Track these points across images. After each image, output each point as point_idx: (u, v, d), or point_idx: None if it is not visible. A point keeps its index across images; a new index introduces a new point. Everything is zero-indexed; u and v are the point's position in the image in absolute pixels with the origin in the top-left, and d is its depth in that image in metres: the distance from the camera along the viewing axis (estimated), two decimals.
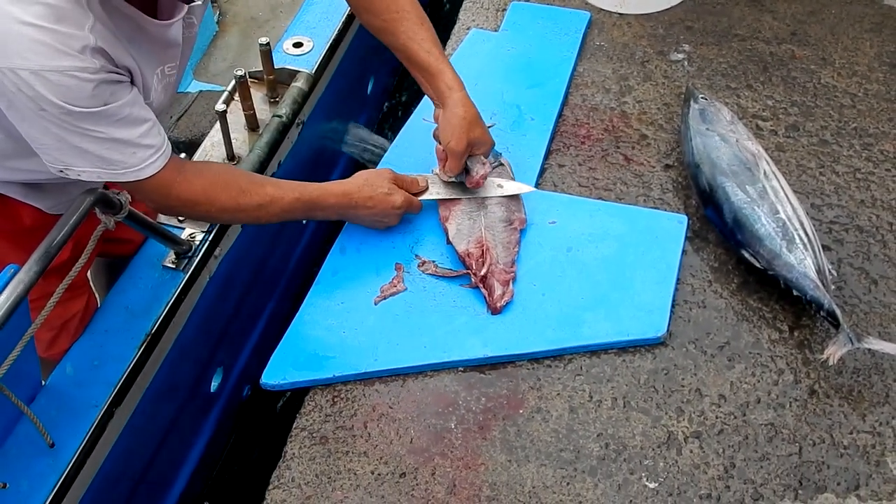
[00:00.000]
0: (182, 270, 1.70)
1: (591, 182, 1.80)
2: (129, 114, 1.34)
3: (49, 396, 1.52)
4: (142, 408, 1.60)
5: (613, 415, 1.44)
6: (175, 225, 1.76)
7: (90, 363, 1.57)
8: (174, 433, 1.80)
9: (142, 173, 1.38)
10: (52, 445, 1.43)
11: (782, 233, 1.53)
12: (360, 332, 1.56)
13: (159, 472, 1.79)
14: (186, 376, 1.80)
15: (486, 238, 1.63)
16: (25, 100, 1.24)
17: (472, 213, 1.67)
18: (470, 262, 1.61)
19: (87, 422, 1.48)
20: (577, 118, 1.95)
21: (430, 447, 1.42)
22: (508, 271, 1.60)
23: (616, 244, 1.65)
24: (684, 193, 1.76)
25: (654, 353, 1.52)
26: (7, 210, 1.59)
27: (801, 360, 1.49)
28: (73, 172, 1.35)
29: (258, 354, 2.10)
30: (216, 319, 1.86)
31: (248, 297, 2.03)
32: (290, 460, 1.42)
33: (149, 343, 1.60)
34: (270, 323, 2.16)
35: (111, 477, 1.55)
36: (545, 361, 1.52)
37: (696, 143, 1.73)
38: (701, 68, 2.04)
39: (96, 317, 1.64)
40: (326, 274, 1.66)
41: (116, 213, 1.45)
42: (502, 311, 1.56)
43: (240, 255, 1.88)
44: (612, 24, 2.19)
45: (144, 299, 1.65)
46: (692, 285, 1.61)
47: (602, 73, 2.05)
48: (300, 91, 2.04)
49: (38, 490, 1.39)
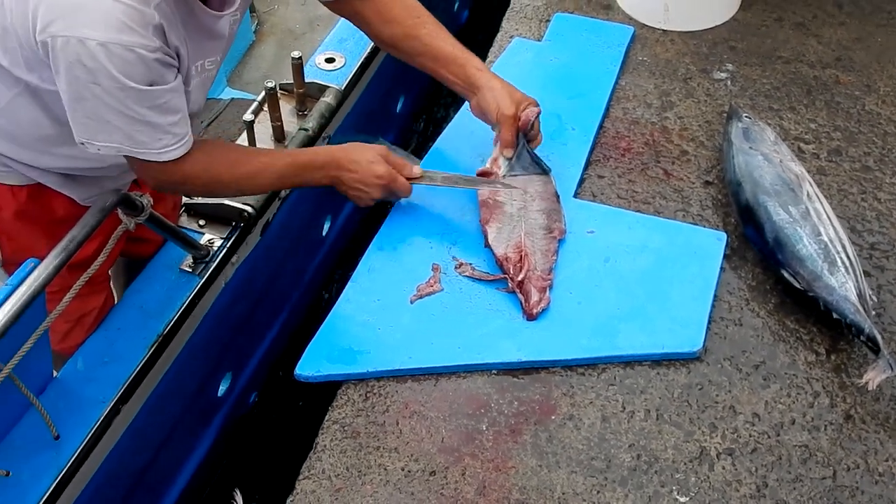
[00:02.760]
0: (198, 275, 1.72)
1: (630, 195, 1.80)
2: (168, 100, 1.37)
3: (58, 389, 1.53)
4: (148, 407, 1.61)
5: (646, 427, 1.44)
6: (194, 230, 1.78)
7: (101, 359, 1.59)
8: (178, 434, 1.80)
9: (160, 157, 1.41)
10: (56, 438, 1.45)
11: (824, 255, 1.53)
12: (395, 329, 1.56)
13: (160, 472, 1.79)
14: (194, 379, 1.81)
15: (526, 244, 1.63)
16: (82, 70, 1.27)
17: (513, 217, 1.67)
18: (508, 267, 1.61)
19: (92, 417, 1.50)
20: (618, 131, 1.95)
21: (461, 447, 1.42)
22: (546, 278, 1.60)
23: (654, 257, 1.65)
24: (723, 211, 1.76)
25: (689, 367, 1.51)
26: (42, 199, 1.61)
27: (838, 383, 1.48)
28: (93, 147, 1.38)
29: (267, 362, 2.11)
30: (228, 325, 1.87)
31: (261, 305, 2.04)
32: (322, 452, 1.42)
33: (160, 344, 1.61)
34: (281, 332, 2.17)
35: (112, 473, 1.55)
36: (579, 369, 1.51)
37: (739, 161, 1.73)
38: (744, 88, 2.04)
39: (111, 314, 1.67)
40: (363, 270, 1.66)
41: (138, 215, 1.48)
42: (538, 317, 1.56)
43: (257, 263, 1.89)
44: (655, 40, 2.19)
45: (159, 300, 1.67)
46: (729, 303, 1.60)
47: (644, 88, 2.06)
48: (328, 106, 2.06)
49: (39, 481, 1.41)
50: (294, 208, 2.02)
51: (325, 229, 2.32)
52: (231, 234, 1.79)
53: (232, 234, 1.79)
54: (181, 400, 1.77)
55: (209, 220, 1.82)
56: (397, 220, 1.74)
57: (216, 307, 1.77)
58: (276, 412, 2.16)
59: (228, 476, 2.06)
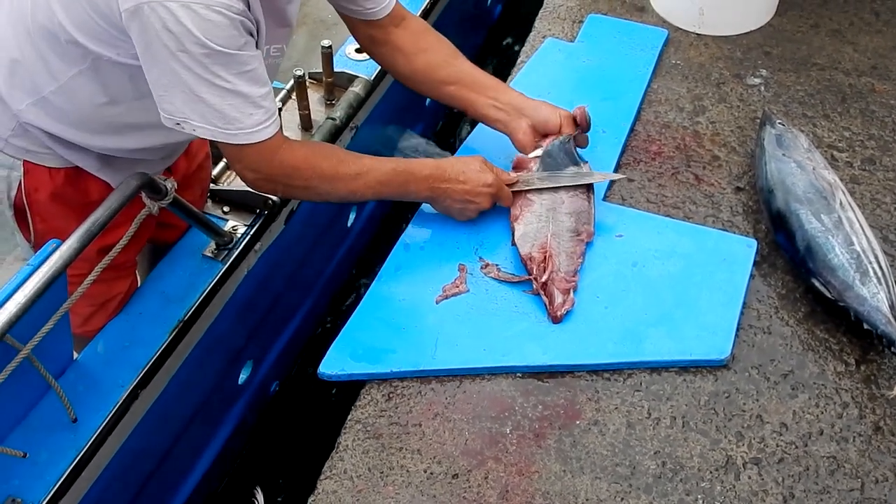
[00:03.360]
0: (221, 261, 1.71)
1: (660, 199, 1.79)
2: (255, 68, 1.38)
3: (78, 372, 1.54)
4: (168, 393, 1.61)
5: (671, 434, 1.42)
6: (218, 216, 1.78)
7: (121, 344, 1.59)
8: (198, 421, 1.81)
9: (254, 136, 1.41)
10: (74, 420, 1.45)
11: (856, 265, 1.51)
12: (419, 329, 1.56)
13: (179, 459, 1.79)
14: (215, 366, 1.81)
15: (551, 245, 1.62)
16: (168, 38, 1.28)
17: (542, 217, 1.66)
18: (531, 267, 1.60)
19: (111, 401, 1.50)
20: (649, 134, 1.93)
21: (484, 450, 1.41)
22: (570, 280, 1.59)
23: (683, 263, 1.64)
24: (754, 217, 1.74)
25: (716, 375, 1.49)
26: (79, 183, 1.62)
27: (867, 395, 1.46)
28: (189, 126, 1.38)
29: (289, 351, 2.11)
30: (250, 313, 1.87)
31: (285, 294, 2.04)
32: (344, 451, 1.42)
33: (180, 329, 1.61)
34: (304, 322, 2.16)
35: (130, 458, 1.56)
36: (604, 374, 1.50)
37: (771, 167, 1.71)
38: (777, 94, 2.02)
39: (133, 299, 1.67)
40: (389, 269, 1.66)
41: (161, 199, 1.48)
42: (563, 319, 1.55)
43: (281, 252, 1.89)
44: (689, 44, 2.18)
45: (181, 286, 1.67)
46: (758, 310, 1.58)
47: (676, 92, 2.04)
48: (356, 96, 2.05)
49: (57, 462, 1.41)
50: None
51: (350, 220, 2.32)
52: (255, 221, 1.78)
53: (256, 222, 1.78)
54: (202, 386, 1.77)
55: (234, 206, 1.82)
56: (424, 218, 1.74)
57: (238, 294, 1.77)
58: (298, 404, 2.16)
59: (248, 467, 2.07)
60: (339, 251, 2.31)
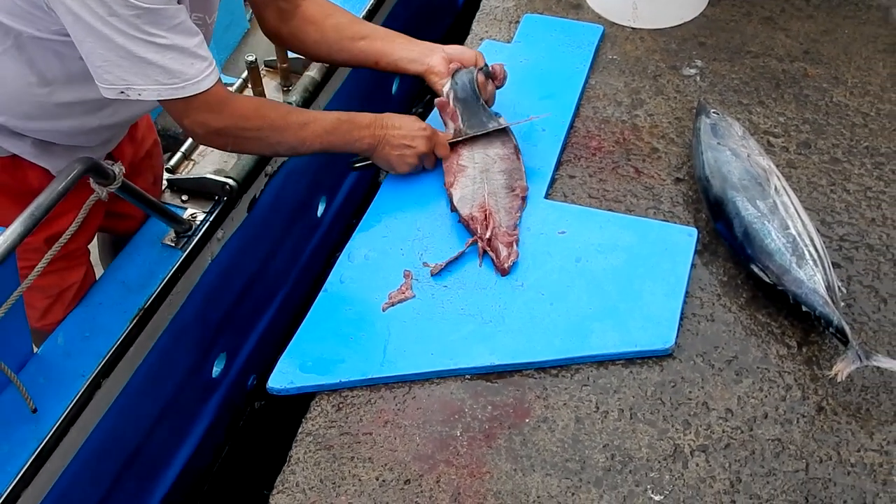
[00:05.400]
0: (181, 249, 1.71)
1: (602, 194, 1.80)
2: (184, 20, 1.41)
3: (38, 365, 1.53)
4: (134, 384, 1.60)
5: (620, 426, 1.44)
6: (177, 205, 1.78)
7: (81, 334, 1.58)
8: (171, 415, 1.79)
9: (200, 86, 1.43)
10: (34, 411, 1.44)
11: (792, 248, 1.53)
12: (367, 338, 1.56)
13: (153, 455, 1.78)
14: (184, 358, 1.80)
15: (489, 203, 1.69)
16: (96, 5, 1.30)
17: (476, 179, 1.73)
18: (474, 227, 1.66)
19: (72, 391, 1.49)
20: (589, 130, 1.95)
21: (436, 454, 1.41)
22: (511, 234, 1.66)
23: (625, 255, 1.65)
24: (694, 207, 1.76)
25: (662, 365, 1.51)
26: (17, 172, 1.62)
27: (809, 376, 1.48)
28: (133, 92, 1.40)
29: (265, 344, 2.10)
30: (218, 303, 1.87)
31: (256, 285, 2.03)
32: (295, 465, 1.42)
33: (141, 318, 1.61)
34: (280, 313, 2.16)
35: (98, 451, 1.54)
36: (552, 371, 1.51)
37: (708, 157, 1.73)
38: (713, 84, 2.05)
39: (92, 290, 1.66)
40: (334, 281, 1.66)
41: (109, 184, 1.46)
42: (510, 271, 1.61)
43: (246, 241, 1.89)
44: (624, 38, 2.20)
45: (141, 275, 1.67)
46: (701, 299, 1.60)
47: (614, 87, 2.06)
48: (312, 80, 2.05)
49: (17, 454, 1.41)
50: (284, 185, 2.01)
51: (319, 210, 2.32)
52: (214, 208, 1.79)
53: (215, 209, 1.79)
54: (172, 378, 1.77)
55: (192, 195, 1.82)
56: (367, 229, 1.74)
57: (203, 283, 1.77)
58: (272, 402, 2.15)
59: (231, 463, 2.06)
60: (310, 242, 2.31)
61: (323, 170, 2.23)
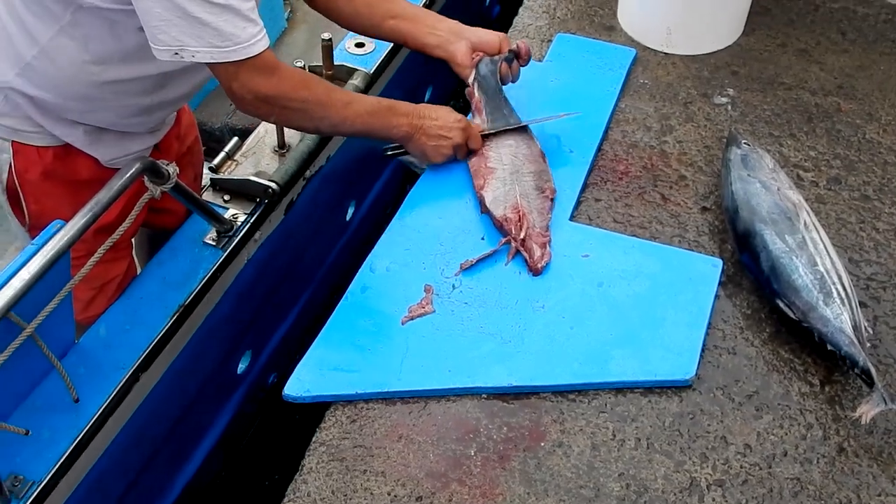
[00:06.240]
0: (221, 248, 1.73)
1: (627, 219, 1.79)
2: None
3: (80, 354, 1.55)
4: (168, 377, 1.62)
5: (636, 455, 1.42)
6: (219, 205, 1.80)
7: (122, 327, 1.60)
8: (197, 407, 1.81)
9: (251, 49, 1.46)
10: (76, 401, 1.46)
11: (820, 285, 1.51)
12: (385, 350, 1.55)
13: (178, 445, 1.80)
14: (215, 353, 1.82)
15: (522, 204, 1.71)
16: None
17: (507, 181, 1.76)
18: (509, 227, 1.68)
19: (112, 382, 1.51)
20: (616, 154, 1.94)
21: (449, 472, 1.40)
22: (544, 235, 1.68)
23: (648, 283, 1.64)
24: (720, 237, 1.75)
25: (681, 395, 1.49)
26: (68, 160, 1.66)
27: (831, 416, 1.46)
28: (187, 53, 1.43)
29: (287, 343, 2.12)
30: (249, 302, 1.88)
31: (283, 285, 2.05)
32: (308, 474, 1.41)
33: (181, 314, 1.63)
34: (303, 314, 2.17)
35: (132, 440, 1.56)
36: (569, 395, 1.50)
37: (737, 188, 1.72)
38: (744, 114, 2.03)
39: (133, 284, 1.69)
40: (355, 291, 1.65)
41: (163, 183, 1.50)
42: (542, 271, 1.63)
43: (280, 241, 1.91)
44: (657, 63, 2.19)
45: (181, 272, 1.69)
46: (723, 331, 1.59)
47: (644, 111, 2.05)
48: (356, 88, 2.06)
49: (59, 441, 1.42)
50: (319, 189, 2.03)
51: (349, 214, 2.34)
52: (255, 209, 1.81)
53: (256, 210, 1.81)
54: (201, 372, 1.78)
55: (234, 195, 1.84)
56: (390, 241, 1.73)
57: (238, 282, 1.79)
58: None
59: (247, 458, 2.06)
60: (336, 245, 2.33)
61: (355, 174, 2.24)
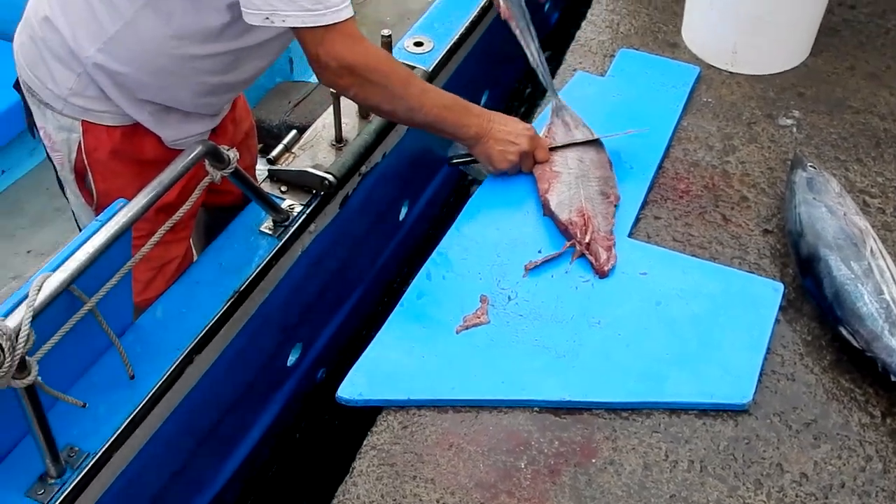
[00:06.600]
0: (277, 237, 1.76)
1: (687, 238, 1.77)
2: None
3: (136, 334, 1.59)
4: (221, 362, 1.65)
5: (689, 478, 1.40)
6: (276, 195, 1.82)
7: (178, 310, 1.64)
8: (247, 396, 1.83)
9: (340, 14, 1.51)
10: (132, 377, 1.49)
11: (885, 314, 1.48)
12: (438, 358, 1.55)
13: (228, 431, 1.82)
14: (267, 342, 1.84)
15: (587, 208, 1.73)
16: None
17: (572, 185, 1.78)
18: (574, 231, 1.69)
19: (167, 362, 1.54)
20: (678, 172, 1.92)
21: (498, 483, 1.40)
22: (609, 238, 1.70)
23: (707, 304, 1.62)
24: (781, 261, 1.72)
25: (737, 420, 1.47)
26: (135, 139, 1.71)
27: (892, 449, 1.43)
28: (278, 17, 1.48)
29: (337, 340, 2.14)
30: (302, 293, 1.90)
31: (335, 280, 2.07)
32: (358, 477, 1.41)
33: (235, 300, 1.66)
34: (354, 312, 2.19)
35: (184, 421, 1.59)
36: (623, 413, 1.49)
37: (801, 211, 1.69)
38: (810, 136, 2.00)
39: (190, 269, 1.73)
40: (411, 297, 1.65)
41: (224, 168, 1.54)
42: (609, 274, 1.64)
43: (334, 235, 1.93)
44: (721, 82, 2.17)
45: (238, 259, 1.73)
46: (782, 356, 1.56)
47: (707, 130, 2.03)
48: None
49: (114, 415, 1.46)
50: (374, 185, 2.05)
51: (402, 214, 2.35)
52: (311, 201, 1.83)
53: (312, 202, 1.83)
54: (253, 361, 1.81)
55: (291, 187, 1.86)
56: (448, 249, 1.74)
57: (292, 273, 1.81)
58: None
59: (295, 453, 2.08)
60: (389, 244, 2.34)
61: (409, 174, 2.26)
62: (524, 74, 2.99)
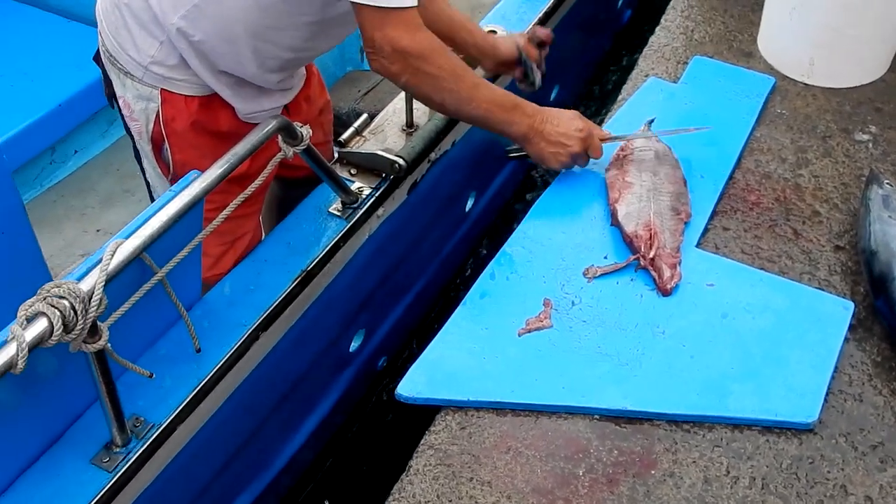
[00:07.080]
0: (346, 219, 1.78)
1: (755, 251, 1.75)
2: None
3: (204, 309, 1.61)
4: (286, 342, 1.67)
5: (749, 495, 1.38)
6: (346, 177, 1.84)
7: (246, 287, 1.66)
8: (310, 378, 1.85)
9: (404, 1, 1.52)
10: (198, 351, 1.51)
11: None
12: (499, 361, 1.55)
13: (288, 413, 1.84)
14: (331, 325, 1.86)
15: (655, 223, 1.69)
16: None
17: (643, 198, 1.74)
18: (638, 244, 1.67)
19: (234, 337, 1.56)
20: (748, 183, 1.89)
21: (555, 490, 1.39)
22: (675, 256, 1.66)
23: (774, 319, 1.59)
24: (853, 279, 1.68)
25: (801, 438, 1.45)
26: (211, 110, 1.74)
27: None
28: None
29: (399, 328, 2.15)
30: (367, 278, 1.92)
31: (400, 267, 2.08)
32: (414, 475, 1.42)
33: (302, 279, 1.67)
34: (416, 301, 2.20)
35: (247, 398, 1.61)
36: (684, 425, 1.47)
37: (875, 229, 1.65)
38: (886, 153, 1.96)
39: (259, 247, 1.75)
40: (474, 297, 1.66)
41: (297, 144, 1.55)
42: (672, 292, 1.61)
43: (401, 222, 1.94)
44: (796, 94, 2.13)
45: (306, 239, 1.74)
46: (850, 376, 1.53)
47: (780, 142, 1.99)
48: (486, 75, 2.07)
49: (180, 387, 1.48)
50: (442, 174, 2.06)
51: (468, 205, 2.35)
52: (380, 184, 1.85)
53: (381, 185, 1.85)
54: (317, 343, 1.83)
55: (361, 170, 1.88)
56: (513, 250, 1.73)
57: (359, 256, 1.83)
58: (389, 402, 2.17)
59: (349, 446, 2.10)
60: (454, 235, 2.34)
61: (477, 165, 2.26)
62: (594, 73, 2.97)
